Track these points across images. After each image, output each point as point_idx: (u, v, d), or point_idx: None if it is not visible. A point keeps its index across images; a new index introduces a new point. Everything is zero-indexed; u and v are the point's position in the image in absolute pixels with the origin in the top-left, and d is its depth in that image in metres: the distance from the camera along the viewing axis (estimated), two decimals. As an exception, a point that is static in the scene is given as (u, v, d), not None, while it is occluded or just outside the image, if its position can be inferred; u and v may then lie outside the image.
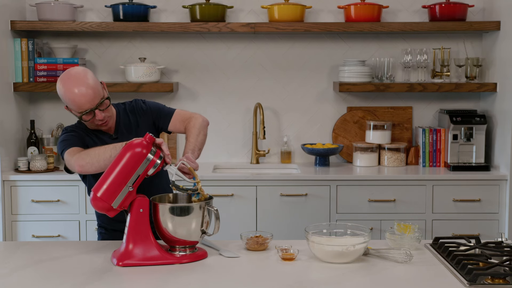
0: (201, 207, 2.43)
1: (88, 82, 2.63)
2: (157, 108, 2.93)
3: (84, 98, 2.61)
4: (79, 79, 2.63)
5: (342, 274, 2.29)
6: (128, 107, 2.90)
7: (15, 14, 4.30)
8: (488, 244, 2.53)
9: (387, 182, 4.12)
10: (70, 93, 2.63)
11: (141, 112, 2.89)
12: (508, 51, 4.15)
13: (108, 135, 2.81)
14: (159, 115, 2.91)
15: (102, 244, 2.67)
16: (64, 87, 2.64)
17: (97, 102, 2.64)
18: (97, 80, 2.69)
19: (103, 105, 2.68)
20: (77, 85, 2.62)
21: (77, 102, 2.62)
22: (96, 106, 2.64)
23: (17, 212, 4.09)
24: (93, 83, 2.64)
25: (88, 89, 2.62)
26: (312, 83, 4.61)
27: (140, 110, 2.90)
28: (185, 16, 4.52)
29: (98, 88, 2.66)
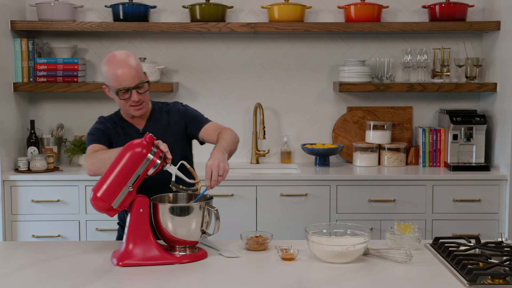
0: (201, 207, 2.43)
1: (131, 62, 2.71)
2: (194, 114, 2.94)
3: (126, 74, 2.68)
4: (125, 58, 2.71)
5: (342, 274, 2.29)
6: (165, 107, 2.94)
7: (15, 14, 4.30)
8: (488, 244, 2.53)
9: (387, 182, 4.12)
10: (113, 68, 2.70)
11: (176, 113, 2.90)
12: (508, 51, 4.15)
13: (136, 130, 2.84)
14: (193, 120, 2.90)
15: (102, 244, 2.67)
16: (109, 63, 2.72)
17: (137, 83, 2.70)
18: (140, 66, 2.76)
19: (142, 88, 2.73)
20: (122, 63, 2.70)
21: (118, 77, 2.68)
22: (134, 86, 2.70)
23: (17, 212, 4.09)
24: (136, 64, 2.72)
25: (131, 68, 2.70)
26: (312, 83, 4.61)
27: (176, 112, 2.91)
28: (185, 16, 4.52)
29: (140, 70, 2.74)
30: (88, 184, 4.07)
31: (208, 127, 2.89)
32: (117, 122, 2.88)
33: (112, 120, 2.89)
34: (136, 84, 2.70)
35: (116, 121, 2.88)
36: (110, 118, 2.90)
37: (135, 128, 2.85)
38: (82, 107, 4.59)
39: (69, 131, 4.59)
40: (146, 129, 2.84)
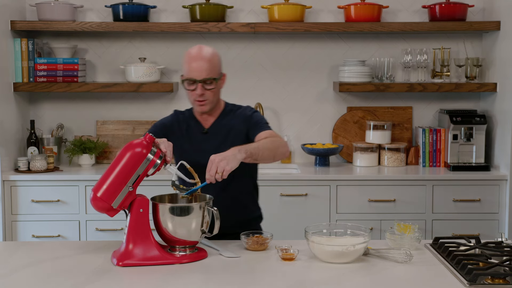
0: (201, 207, 2.42)
1: (207, 56, 2.74)
2: (257, 120, 2.86)
3: (197, 66, 2.71)
4: (205, 52, 2.75)
5: (342, 274, 2.29)
6: (235, 110, 2.91)
7: (15, 14, 4.30)
8: (488, 244, 2.53)
9: (387, 182, 4.12)
10: (189, 57, 2.76)
11: (241, 118, 2.86)
12: (508, 51, 4.15)
13: (201, 129, 2.85)
14: (254, 126, 2.83)
15: (102, 244, 2.67)
16: (188, 52, 2.78)
17: (204, 77, 2.71)
18: (218, 65, 2.78)
19: (209, 84, 2.73)
20: (199, 54, 2.74)
21: (189, 67, 2.73)
22: (201, 79, 2.71)
23: (17, 212, 4.09)
24: (210, 60, 2.74)
25: (204, 61, 2.73)
26: (312, 83, 4.61)
27: (242, 116, 2.87)
28: (185, 16, 4.52)
29: (214, 68, 2.74)
30: (88, 184, 4.07)
31: (262, 134, 2.78)
32: (186, 118, 2.89)
33: (184, 115, 2.91)
34: (203, 78, 2.71)
35: (186, 117, 2.90)
36: (182, 113, 2.93)
37: (201, 127, 2.86)
38: (82, 107, 4.59)
39: (69, 131, 4.59)
40: (211, 129, 2.84)
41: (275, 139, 2.72)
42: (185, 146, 2.84)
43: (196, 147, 2.82)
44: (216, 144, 2.79)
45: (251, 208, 2.94)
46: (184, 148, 2.84)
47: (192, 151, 2.80)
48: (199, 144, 2.83)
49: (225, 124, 2.85)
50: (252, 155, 2.56)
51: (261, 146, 2.63)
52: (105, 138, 4.54)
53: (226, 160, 2.46)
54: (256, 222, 2.95)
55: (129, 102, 4.60)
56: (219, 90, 2.83)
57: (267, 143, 2.67)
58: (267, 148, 2.64)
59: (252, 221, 2.93)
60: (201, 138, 2.84)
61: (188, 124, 2.88)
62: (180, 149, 2.84)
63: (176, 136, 2.85)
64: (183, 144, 2.85)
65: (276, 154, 2.69)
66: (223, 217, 2.53)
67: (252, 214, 2.94)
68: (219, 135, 2.83)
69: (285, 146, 2.74)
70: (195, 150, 2.80)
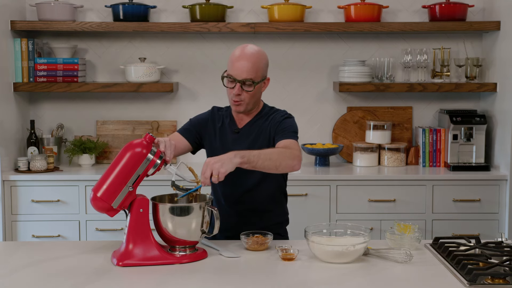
0: (201, 207, 2.42)
1: (252, 57, 2.70)
2: (285, 126, 2.77)
3: (239, 65, 2.68)
4: (251, 53, 2.71)
5: (342, 274, 2.29)
6: (270, 113, 2.85)
7: (15, 14, 4.30)
8: (488, 244, 2.53)
9: (387, 182, 4.12)
10: (233, 54, 2.71)
11: (272, 122, 2.81)
12: (508, 51, 4.15)
13: (234, 128, 2.84)
14: (280, 131, 2.76)
15: (102, 244, 2.67)
16: (235, 49, 2.74)
17: (244, 78, 2.68)
18: (263, 68, 2.74)
19: (248, 85, 2.70)
20: (245, 54, 2.70)
21: (231, 64, 2.70)
22: (240, 79, 2.68)
23: (17, 212, 4.10)
24: (255, 62, 2.70)
25: (249, 61, 2.69)
26: (312, 83, 4.61)
27: (273, 120, 2.81)
28: (185, 16, 4.52)
29: (256, 71, 2.70)
30: (88, 184, 4.07)
31: (281, 142, 2.70)
32: (222, 116, 2.88)
33: (221, 112, 2.90)
34: (243, 79, 2.68)
35: (223, 114, 2.89)
36: (220, 110, 2.92)
37: (235, 126, 2.85)
38: (82, 107, 4.59)
39: (69, 131, 4.59)
40: (243, 129, 2.83)
41: (285, 151, 2.62)
42: (215, 144, 2.84)
43: (226, 146, 2.80)
44: (245, 145, 2.77)
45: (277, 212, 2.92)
46: (214, 146, 2.84)
47: (222, 149, 2.77)
48: (229, 143, 2.82)
49: (257, 126, 2.82)
50: (250, 161, 2.50)
51: (262, 155, 2.54)
52: (105, 138, 4.55)
53: (220, 162, 2.43)
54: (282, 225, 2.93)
55: (129, 102, 4.60)
56: (259, 93, 2.79)
57: (272, 153, 2.58)
58: (269, 158, 2.54)
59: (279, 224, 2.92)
60: (232, 137, 2.83)
61: (223, 122, 2.87)
62: (210, 146, 2.85)
63: (209, 133, 2.86)
64: (213, 142, 2.85)
65: (280, 165, 2.57)
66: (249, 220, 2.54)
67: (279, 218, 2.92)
68: (250, 136, 2.80)
69: (294, 159, 2.60)
70: (224, 149, 2.76)
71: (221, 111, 2.92)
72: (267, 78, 2.81)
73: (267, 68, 2.80)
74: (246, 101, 2.75)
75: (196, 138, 2.89)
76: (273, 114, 2.85)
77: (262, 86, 2.81)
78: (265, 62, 2.77)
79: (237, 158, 2.46)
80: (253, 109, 2.83)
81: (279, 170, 2.59)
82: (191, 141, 2.88)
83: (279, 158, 2.57)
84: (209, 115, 2.92)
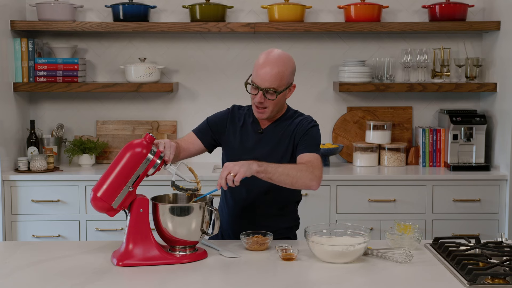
0: (201, 207, 2.42)
1: (278, 65, 2.65)
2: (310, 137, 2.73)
3: (263, 73, 2.64)
4: (276, 60, 2.66)
5: (342, 274, 2.29)
6: (296, 117, 2.82)
7: (15, 14, 4.30)
8: (488, 244, 2.53)
9: (387, 182, 4.12)
10: (259, 61, 2.67)
11: (299, 130, 2.76)
12: (508, 51, 4.15)
13: (257, 128, 2.80)
14: (304, 142, 2.72)
15: (102, 244, 2.67)
16: (266, 52, 2.70)
17: (267, 86, 2.65)
18: (288, 76, 2.68)
19: (270, 94, 2.66)
20: (270, 61, 2.65)
21: (256, 71, 2.66)
22: (263, 88, 2.65)
23: (17, 212, 4.10)
24: (279, 71, 2.64)
25: (274, 68, 2.65)
26: (312, 83, 4.61)
27: (300, 126, 2.77)
28: (185, 16, 4.52)
29: (281, 79, 2.65)
30: (88, 184, 4.07)
31: (303, 156, 2.67)
32: (244, 114, 2.85)
33: (242, 110, 2.87)
34: (266, 87, 2.64)
35: (244, 113, 2.86)
36: (241, 109, 2.89)
37: (258, 126, 2.81)
38: (82, 107, 4.59)
39: (69, 131, 4.59)
40: (267, 130, 2.80)
41: (306, 169, 2.58)
42: (235, 143, 2.80)
43: (247, 145, 2.78)
44: (268, 146, 2.76)
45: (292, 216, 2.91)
46: (233, 145, 2.80)
47: (242, 149, 2.76)
48: (252, 143, 2.79)
49: (282, 128, 2.79)
50: (266, 172, 2.50)
51: (281, 169, 2.53)
52: (105, 138, 4.55)
53: (239, 166, 2.46)
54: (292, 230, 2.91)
55: (129, 102, 4.60)
56: (283, 100, 2.74)
57: (291, 169, 2.56)
58: (287, 174, 2.53)
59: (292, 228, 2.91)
60: (255, 137, 2.79)
61: (245, 121, 2.84)
62: (228, 145, 2.81)
63: (228, 132, 2.83)
64: (233, 141, 2.81)
65: (297, 183, 2.56)
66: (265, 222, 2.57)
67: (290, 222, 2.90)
68: (274, 137, 2.77)
69: (313, 179, 2.57)
70: (246, 149, 2.76)
71: (242, 110, 2.89)
72: (293, 85, 2.76)
73: (294, 75, 2.73)
74: (270, 109, 2.71)
75: (212, 139, 2.85)
76: (298, 118, 2.81)
77: (287, 93, 2.75)
78: (291, 70, 2.71)
79: (254, 165, 2.48)
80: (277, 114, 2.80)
81: (295, 187, 2.58)
82: (205, 143, 2.85)
83: (297, 175, 2.55)
84: (228, 113, 2.88)
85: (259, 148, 2.76)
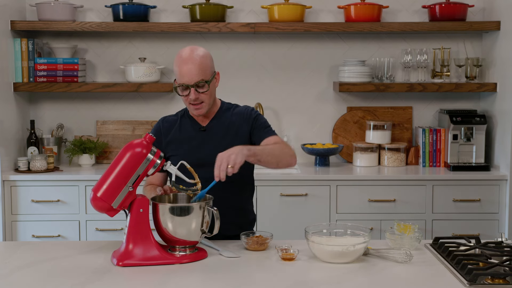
0: (201, 207, 2.42)
1: (196, 59, 2.66)
2: (262, 122, 2.83)
3: (187, 71, 2.65)
4: (194, 55, 2.67)
5: (342, 274, 2.29)
6: (232, 108, 2.87)
7: (15, 14, 4.30)
8: (488, 244, 2.53)
9: (387, 182, 4.12)
10: (178, 63, 2.68)
11: (241, 116, 2.82)
12: (508, 51, 4.15)
13: (198, 126, 2.81)
14: (260, 128, 2.81)
15: (102, 244, 2.67)
16: (177, 57, 2.71)
17: (196, 81, 2.66)
18: (210, 65, 2.71)
19: (201, 87, 2.68)
20: (187, 58, 2.66)
21: (179, 73, 2.67)
22: (194, 84, 2.66)
23: (17, 212, 4.10)
24: (200, 62, 2.66)
25: (194, 65, 2.65)
26: (312, 83, 4.62)
27: (242, 114, 2.83)
28: (185, 16, 4.52)
29: (205, 69, 2.68)
30: (88, 184, 4.07)
31: (270, 139, 2.77)
32: (178, 120, 2.86)
33: (175, 117, 2.88)
34: (195, 82, 2.66)
35: (178, 118, 2.86)
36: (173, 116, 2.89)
37: (198, 125, 2.82)
38: (82, 107, 4.59)
39: (69, 131, 4.59)
40: (209, 126, 2.81)
41: (284, 148, 2.72)
42: (181, 149, 2.80)
43: (194, 145, 2.79)
44: (215, 141, 2.77)
45: (250, 210, 2.94)
46: (180, 152, 2.79)
47: (190, 150, 2.77)
48: (198, 141, 2.80)
49: (224, 121, 2.82)
50: (256, 155, 2.57)
51: (267, 150, 2.64)
52: (105, 138, 4.55)
53: (234, 154, 2.48)
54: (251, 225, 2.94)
55: (129, 102, 4.60)
56: (214, 90, 2.79)
57: (274, 149, 2.68)
58: (273, 154, 2.66)
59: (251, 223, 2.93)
60: (199, 135, 2.81)
61: (181, 125, 2.84)
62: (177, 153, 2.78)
63: (168, 141, 2.81)
64: (178, 148, 2.81)
65: (281, 162, 2.69)
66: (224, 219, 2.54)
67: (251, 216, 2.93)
68: (218, 131, 2.79)
69: (292, 156, 2.74)
70: (193, 149, 2.78)
71: (173, 117, 2.88)
72: (217, 73, 2.79)
73: (213, 62, 2.77)
74: (206, 102, 2.73)
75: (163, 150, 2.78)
76: (238, 108, 2.86)
77: (216, 82, 2.79)
78: (210, 58, 2.74)
79: (244, 150, 2.53)
80: (212, 107, 2.81)
81: (279, 166, 2.70)
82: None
83: (280, 155, 2.68)
84: (160, 129, 2.85)
85: (207, 144, 2.77)
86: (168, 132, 2.84)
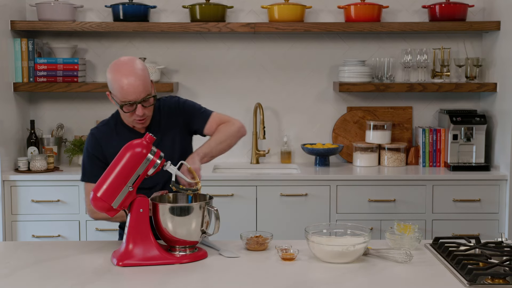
0: (201, 207, 2.43)
1: (139, 74, 2.57)
2: (192, 108, 2.83)
3: (132, 88, 2.55)
4: (132, 68, 2.58)
5: (342, 274, 2.29)
6: (161, 104, 2.80)
7: (15, 14, 4.30)
8: (488, 244, 2.53)
9: (387, 182, 4.12)
10: (119, 80, 2.56)
11: (173, 111, 2.79)
12: (508, 51, 4.15)
13: (138, 133, 2.73)
14: (194, 116, 2.81)
15: (102, 244, 2.67)
16: (115, 71, 2.59)
17: (143, 97, 2.59)
18: (148, 76, 2.63)
19: (147, 102, 2.62)
20: (128, 74, 2.56)
21: (124, 91, 2.56)
22: (140, 100, 2.59)
23: (17, 212, 4.10)
24: (143, 76, 2.58)
25: (138, 80, 2.57)
26: (312, 83, 4.62)
27: (173, 109, 2.79)
28: (185, 16, 4.52)
29: (147, 82, 2.61)
30: (88, 184, 4.07)
31: (211, 122, 2.82)
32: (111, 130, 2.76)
33: (109, 125, 2.78)
34: (142, 98, 2.59)
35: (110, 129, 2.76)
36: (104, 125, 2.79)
37: (137, 132, 2.75)
38: (82, 107, 4.59)
39: (69, 131, 4.59)
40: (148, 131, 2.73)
41: (226, 127, 2.79)
42: None
43: None
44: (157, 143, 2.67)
45: None
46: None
47: None
48: None
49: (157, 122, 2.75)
50: (206, 155, 2.69)
51: (213, 143, 2.73)
52: (105, 138, 4.54)
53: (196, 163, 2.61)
54: None
55: (129, 102, 4.60)
56: None
57: (218, 137, 2.76)
58: (220, 142, 2.75)
59: None
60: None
61: (119, 134, 2.74)
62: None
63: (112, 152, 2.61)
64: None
65: (232, 142, 2.80)
66: None
67: None
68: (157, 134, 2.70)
69: (240, 128, 2.83)
70: None
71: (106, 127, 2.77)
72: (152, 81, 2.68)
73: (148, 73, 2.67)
74: (150, 115, 2.69)
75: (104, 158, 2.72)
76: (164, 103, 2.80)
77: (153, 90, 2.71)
78: (144, 67, 2.63)
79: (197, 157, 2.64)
80: None
81: (233, 144, 2.82)
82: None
83: (227, 137, 2.78)
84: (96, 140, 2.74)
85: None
86: (108, 142, 2.73)
